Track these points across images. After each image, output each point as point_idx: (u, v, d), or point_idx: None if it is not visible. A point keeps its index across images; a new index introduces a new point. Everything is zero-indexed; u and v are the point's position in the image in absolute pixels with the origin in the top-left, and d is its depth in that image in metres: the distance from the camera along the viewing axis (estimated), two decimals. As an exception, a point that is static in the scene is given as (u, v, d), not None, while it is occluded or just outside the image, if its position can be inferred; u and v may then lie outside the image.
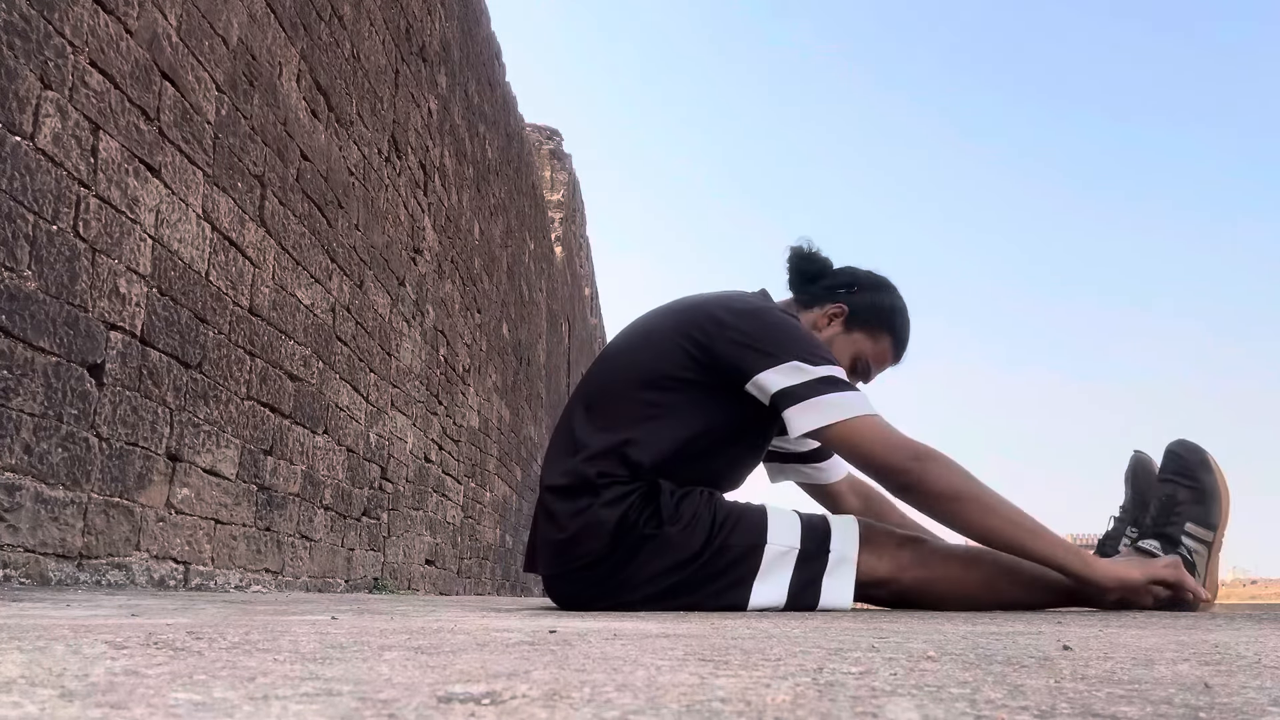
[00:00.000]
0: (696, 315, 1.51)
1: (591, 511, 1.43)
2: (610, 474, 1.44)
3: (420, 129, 4.96)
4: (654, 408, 1.48)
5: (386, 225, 4.39)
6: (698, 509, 1.45)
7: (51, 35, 1.95)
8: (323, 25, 3.56)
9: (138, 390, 2.29)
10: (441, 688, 0.42)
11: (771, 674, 0.51)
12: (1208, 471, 1.53)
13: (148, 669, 0.46)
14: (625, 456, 1.45)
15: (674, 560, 1.43)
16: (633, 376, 1.51)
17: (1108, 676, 0.53)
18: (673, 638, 0.78)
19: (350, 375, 3.90)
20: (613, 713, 0.36)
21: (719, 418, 1.50)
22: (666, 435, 1.47)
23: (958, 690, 0.45)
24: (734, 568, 1.44)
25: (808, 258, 1.71)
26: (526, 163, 8.98)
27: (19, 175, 1.85)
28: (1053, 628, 1.03)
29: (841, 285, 1.68)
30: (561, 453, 1.52)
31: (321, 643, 0.65)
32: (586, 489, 1.45)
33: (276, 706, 0.36)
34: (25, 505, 1.87)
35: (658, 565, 1.43)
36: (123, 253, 2.22)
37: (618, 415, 1.49)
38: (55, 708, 0.34)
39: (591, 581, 1.47)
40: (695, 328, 1.49)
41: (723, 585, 1.44)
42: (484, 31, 6.86)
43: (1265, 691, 0.47)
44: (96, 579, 2.12)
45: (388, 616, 1.11)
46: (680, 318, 1.53)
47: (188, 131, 2.53)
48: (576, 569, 1.47)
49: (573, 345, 12.76)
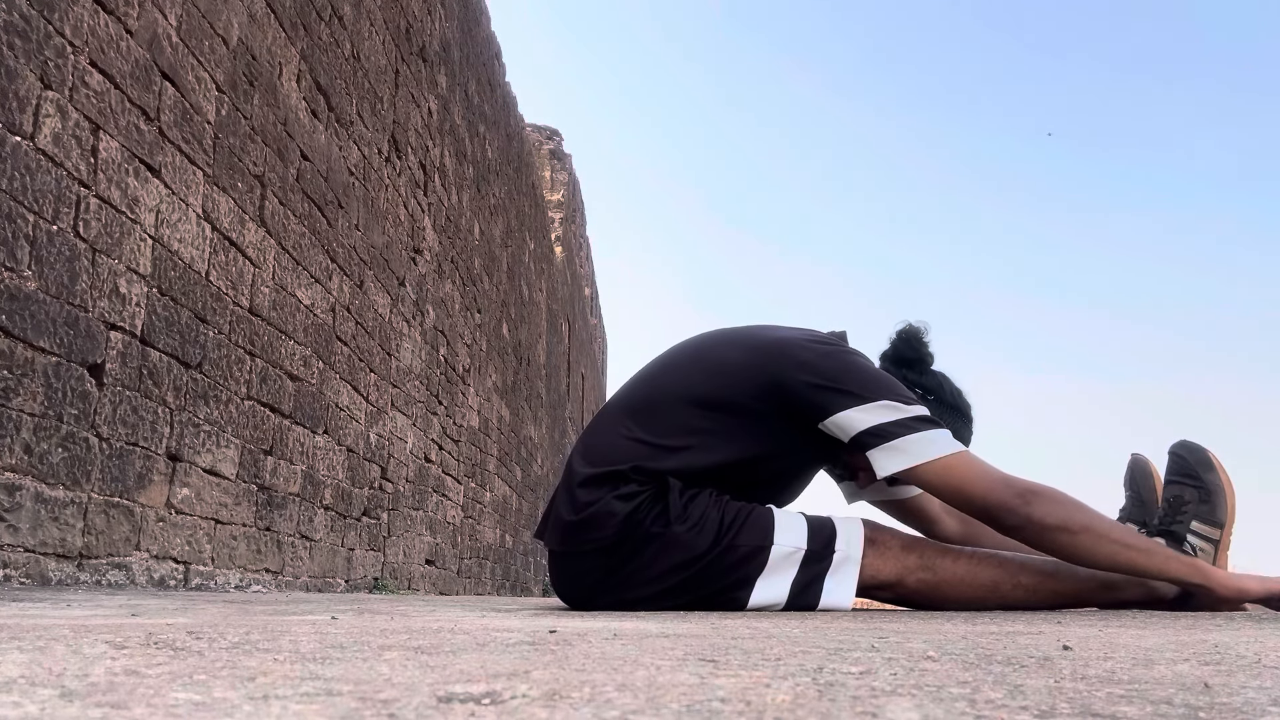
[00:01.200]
0: (775, 351, 1.50)
1: (605, 502, 1.45)
2: (636, 476, 1.46)
3: (420, 129, 4.96)
4: (704, 426, 1.48)
5: (386, 225, 4.39)
6: (705, 510, 1.45)
7: (51, 35, 1.95)
8: (323, 25, 3.56)
9: (138, 390, 2.29)
10: (441, 688, 0.42)
11: (771, 674, 0.51)
12: (1211, 470, 1.53)
13: (148, 669, 0.46)
14: (660, 466, 1.46)
15: (680, 559, 1.44)
16: (687, 394, 1.51)
17: (1108, 676, 0.53)
18: (673, 638, 0.78)
19: (350, 375, 3.90)
20: (613, 713, 0.36)
21: (769, 445, 1.50)
22: (710, 454, 1.47)
23: (958, 690, 0.45)
24: (738, 567, 1.44)
25: (915, 343, 1.68)
26: (526, 163, 8.98)
27: (19, 175, 1.85)
28: (1053, 628, 1.03)
29: (930, 390, 1.64)
30: (597, 450, 1.52)
31: (321, 643, 0.65)
32: (608, 481, 1.46)
33: (276, 706, 0.36)
34: (25, 505, 1.87)
35: (664, 563, 1.44)
36: (123, 253, 2.22)
37: (664, 427, 1.49)
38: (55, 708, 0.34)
39: (593, 569, 1.48)
40: (774, 363, 1.48)
41: (726, 584, 1.44)
42: (484, 31, 6.86)
43: (1265, 691, 0.47)
44: (96, 579, 2.12)
45: (388, 616, 1.11)
46: (757, 353, 1.52)
47: (188, 131, 2.53)
48: (581, 552, 1.49)
49: (573, 345, 12.76)
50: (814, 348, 1.50)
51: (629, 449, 1.47)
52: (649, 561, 1.44)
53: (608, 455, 1.49)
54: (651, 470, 1.45)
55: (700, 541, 1.43)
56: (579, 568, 1.51)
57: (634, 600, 1.47)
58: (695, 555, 1.43)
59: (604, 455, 1.49)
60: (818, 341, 1.52)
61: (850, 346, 1.55)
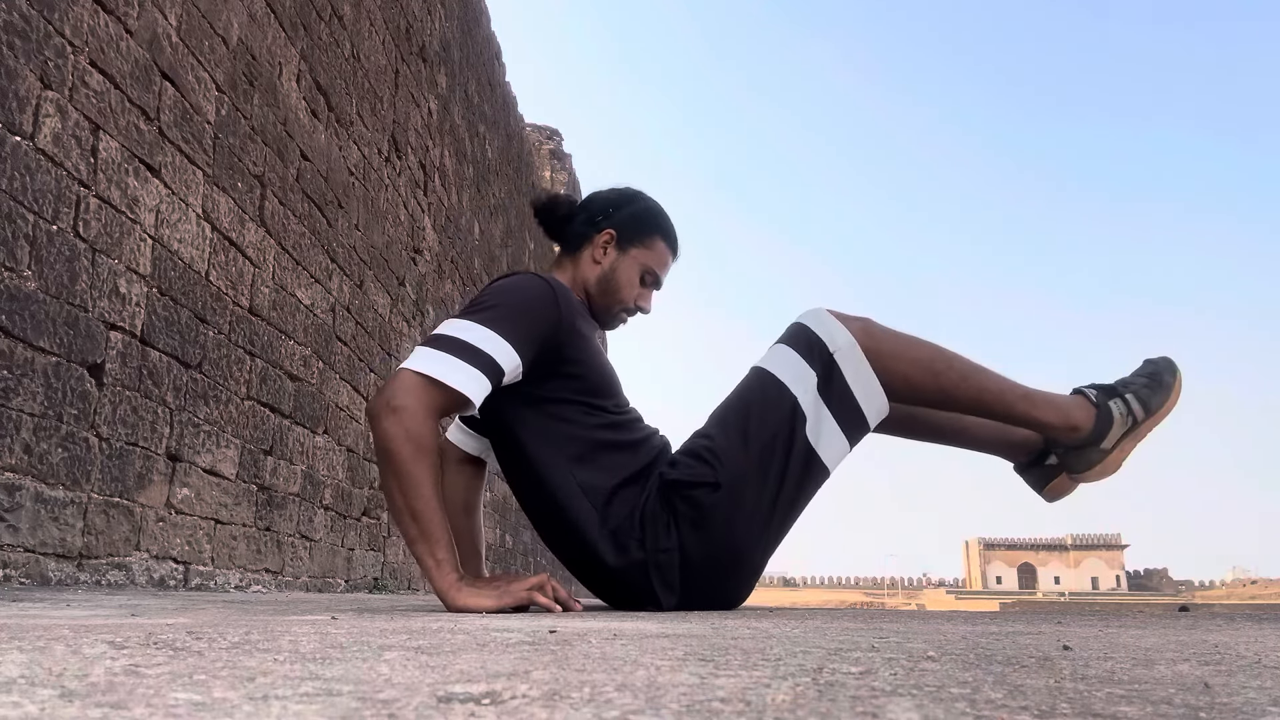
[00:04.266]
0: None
1: (616, 560, 1.49)
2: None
3: (420, 129, 4.96)
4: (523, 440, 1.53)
5: (386, 225, 4.39)
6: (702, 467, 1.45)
7: (51, 35, 1.95)
8: (323, 25, 3.56)
9: (138, 390, 2.29)
10: (441, 688, 0.42)
11: (771, 674, 0.51)
12: (1170, 373, 1.56)
13: (148, 669, 0.46)
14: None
15: (753, 506, 1.44)
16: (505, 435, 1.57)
17: (1108, 676, 0.53)
18: (673, 638, 0.78)
19: (350, 375, 3.90)
20: (613, 713, 0.36)
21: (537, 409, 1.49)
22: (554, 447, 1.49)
23: (958, 690, 0.45)
24: (790, 446, 1.45)
25: (551, 205, 1.69)
26: (526, 163, 8.98)
27: (19, 175, 1.85)
28: (1053, 628, 1.03)
29: (599, 213, 1.66)
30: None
31: (321, 643, 0.65)
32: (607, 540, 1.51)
33: (276, 706, 0.36)
34: (25, 505, 1.87)
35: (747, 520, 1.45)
36: (123, 253, 2.22)
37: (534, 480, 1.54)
38: (55, 708, 0.34)
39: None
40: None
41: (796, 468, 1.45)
42: (484, 31, 6.86)
43: (1265, 691, 0.47)
44: (96, 579, 2.12)
45: (388, 616, 1.11)
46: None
47: (188, 131, 2.53)
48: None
49: (573, 345, 12.75)
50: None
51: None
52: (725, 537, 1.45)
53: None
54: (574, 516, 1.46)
55: (747, 472, 1.44)
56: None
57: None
58: (757, 488, 1.44)
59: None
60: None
61: (518, 281, 1.47)
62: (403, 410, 1.29)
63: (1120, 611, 1.68)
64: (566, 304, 1.45)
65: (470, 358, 1.33)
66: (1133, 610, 4.31)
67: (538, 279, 1.47)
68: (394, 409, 1.29)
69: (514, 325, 1.38)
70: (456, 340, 1.35)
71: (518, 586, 1.29)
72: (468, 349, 1.34)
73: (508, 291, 1.43)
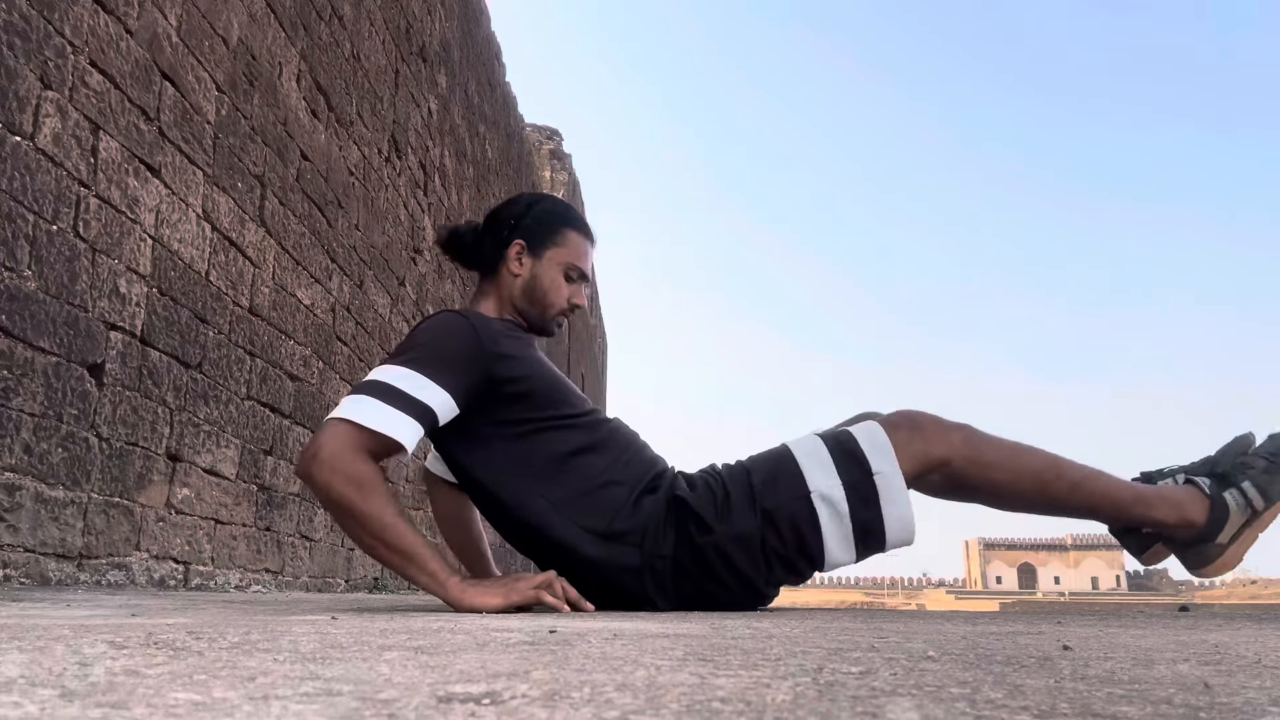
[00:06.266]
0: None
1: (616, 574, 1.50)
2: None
3: (420, 129, 4.96)
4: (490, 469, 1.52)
5: (386, 225, 4.39)
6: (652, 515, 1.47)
7: (51, 35, 1.95)
8: (323, 25, 3.56)
9: (138, 390, 2.29)
10: (441, 688, 0.42)
11: (771, 674, 0.51)
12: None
13: (148, 669, 0.46)
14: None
15: (744, 553, 1.44)
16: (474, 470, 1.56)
17: (1108, 676, 0.53)
18: (673, 638, 0.78)
19: (350, 375, 3.90)
20: (613, 713, 0.36)
21: (501, 435, 1.49)
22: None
23: (958, 690, 0.45)
24: (795, 539, 1.44)
25: (454, 237, 1.67)
26: (526, 163, 8.98)
27: (19, 175, 1.85)
28: (1053, 628, 1.03)
29: (503, 228, 1.64)
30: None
31: (321, 643, 0.65)
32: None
33: (276, 706, 0.36)
34: (25, 505, 1.87)
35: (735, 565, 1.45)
36: (123, 253, 2.22)
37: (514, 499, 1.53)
38: (55, 708, 0.34)
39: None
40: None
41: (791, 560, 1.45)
42: (484, 31, 6.86)
43: (1265, 691, 0.47)
44: (96, 579, 2.12)
45: (388, 616, 1.11)
46: None
47: (188, 131, 2.53)
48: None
49: (573, 345, 12.77)
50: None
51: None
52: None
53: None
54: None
55: (748, 529, 1.44)
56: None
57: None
58: (752, 544, 1.44)
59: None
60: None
61: (434, 322, 1.48)
62: (332, 458, 1.29)
63: (1120, 611, 1.69)
64: (486, 332, 1.45)
65: (396, 401, 1.33)
66: (1133, 610, 4.35)
67: (454, 315, 1.48)
68: (320, 460, 1.28)
69: (438, 365, 1.39)
70: (382, 385, 1.35)
71: (525, 585, 1.29)
72: (394, 393, 1.34)
73: (426, 333, 1.44)
